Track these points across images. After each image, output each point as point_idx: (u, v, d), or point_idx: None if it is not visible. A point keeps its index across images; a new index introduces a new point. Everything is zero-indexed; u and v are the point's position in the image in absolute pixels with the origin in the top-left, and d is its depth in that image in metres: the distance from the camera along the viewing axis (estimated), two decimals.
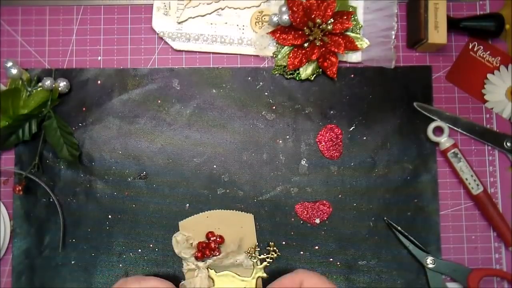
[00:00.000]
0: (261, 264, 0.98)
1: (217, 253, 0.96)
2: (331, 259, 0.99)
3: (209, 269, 0.97)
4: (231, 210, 0.99)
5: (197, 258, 0.96)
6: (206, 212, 0.99)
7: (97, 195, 0.98)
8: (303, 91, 1.01)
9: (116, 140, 1.00)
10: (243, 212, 0.99)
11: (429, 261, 0.97)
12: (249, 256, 0.97)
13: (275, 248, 0.98)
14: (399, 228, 0.98)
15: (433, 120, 1.00)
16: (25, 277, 0.97)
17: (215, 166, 0.99)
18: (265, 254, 0.98)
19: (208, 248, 0.96)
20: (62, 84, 0.98)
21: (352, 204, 0.99)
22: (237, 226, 0.98)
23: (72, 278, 0.98)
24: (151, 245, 0.98)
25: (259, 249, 0.98)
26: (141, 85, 1.01)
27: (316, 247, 0.99)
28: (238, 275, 0.98)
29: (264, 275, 0.98)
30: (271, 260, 0.98)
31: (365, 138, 1.00)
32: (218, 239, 0.97)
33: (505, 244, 1.00)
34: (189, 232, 0.98)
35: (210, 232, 0.97)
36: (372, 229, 0.99)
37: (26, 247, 0.98)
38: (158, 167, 0.99)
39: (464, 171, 0.98)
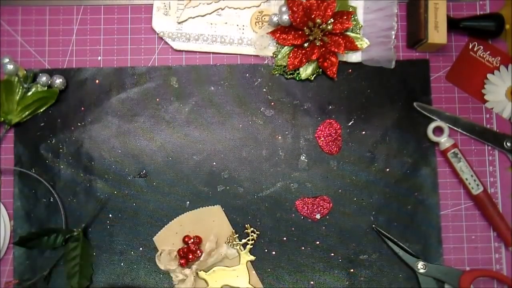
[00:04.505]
0: (244, 249, 1.00)
1: (200, 253, 0.97)
2: (332, 254, 1.01)
3: (198, 272, 0.99)
4: (198, 209, 1.01)
5: (182, 265, 0.98)
6: (175, 219, 1.01)
7: (97, 194, 1.01)
8: (301, 87, 1.03)
9: (115, 139, 1.02)
10: (210, 206, 1.01)
11: (420, 266, 0.99)
12: (230, 245, 0.99)
13: (253, 229, 1.00)
14: (388, 235, 1.00)
15: (433, 120, 1.02)
16: (27, 278, 0.99)
17: (214, 163, 1.02)
18: (245, 238, 1.00)
19: (190, 251, 0.97)
20: (58, 81, 1.00)
21: (353, 199, 1.02)
22: (209, 221, 1.01)
23: None
24: (152, 244, 1.00)
25: (237, 235, 1.00)
26: (139, 83, 1.03)
27: (317, 242, 1.01)
28: (227, 266, 1.00)
29: (252, 257, 1.00)
30: (253, 241, 1.00)
31: (364, 132, 1.02)
32: (196, 240, 0.99)
33: (505, 244, 1.02)
34: (167, 245, 1.00)
35: (186, 236, 0.99)
36: (373, 223, 1.01)
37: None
38: (158, 165, 1.01)
39: (464, 171, 1.01)
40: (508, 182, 1.04)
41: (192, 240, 0.99)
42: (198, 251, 0.98)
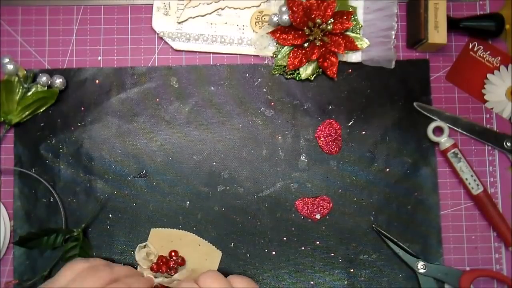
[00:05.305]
0: None
1: (173, 273, 0.97)
2: (332, 254, 1.01)
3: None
4: (205, 241, 1.00)
5: (151, 269, 0.98)
6: (182, 231, 1.01)
7: (97, 195, 1.01)
8: (301, 87, 1.03)
9: (115, 139, 1.02)
10: (214, 247, 1.00)
11: (420, 266, 0.99)
12: None
13: None
14: (388, 235, 1.00)
15: (433, 120, 1.02)
16: (27, 278, 0.99)
17: (214, 163, 1.02)
18: None
19: (166, 265, 0.97)
20: (58, 81, 1.00)
21: (353, 199, 1.01)
22: (202, 258, 1.00)
23: None
24: None
25: None
26: (139, 83, 1.03)
27: (317, 242, 1.01)
28: None
29: None
30: None
31: (364, 132, 1.02)
32: (179, 260, 0.98)
33: (505, 244, 1.02)
34: (156, 243, 1.00)
35: (173, 250, 0.99)
36: (373, 223, 1.01)
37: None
38: (158, 165, 1.01)
39: (464, 171, 1.01)
40: (508, 182, 1.04)
41: (176, 258, 0.99)
42: (172, 272, 0.98)
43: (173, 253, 0.99)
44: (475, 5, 1.07)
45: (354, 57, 1.04)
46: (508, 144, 1.02)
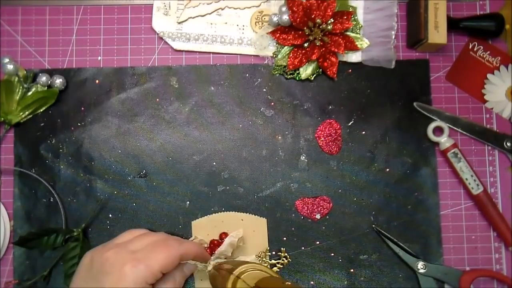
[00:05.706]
0: (271, 268, 0.98)
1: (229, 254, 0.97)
2: (332, 254, 1.01)
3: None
4: (246, 213, 1.01)
5: None
6: (221, 213, 1.01)
7: (97, 194, 1.01)
8: (301, 87, 1.03)
9: (115, 139, 1.02)
10: (257, 216, 1.01)
11: (420, 266, 0.99)
12: (259, 259, 0.99)
13: (286, 254, 1.00)
14: (388, 235, 1.00)
15: (433, 120, 1.02)
16: (27, 278, 0.99)
17: (214, 163, 1.02)
18: (275, 259, 1.00)
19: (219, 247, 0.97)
20: (58, 81, 1.00)
21: (353, 199, 1.01)
22: (249, 230, 1.00)
23: None
24: None
25: (269, 253, 1.00)
26: (139, 83, 1.03)
27: (317, 242, 1.01)
28: None
29: None
30: (281, 266, 1.00)
31: (364, 132, 1.02)
32: None
33: (505, 244, 1.02)
34: (201, 233, 1.00)
35: (223, 233, 0.99)
36: (373, 223, 1.01)
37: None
38: (158, 165, 1.01)
39: (464, 171, 1.01)
40: (508, 182, 1.04)
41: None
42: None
43: (223, 235, 0.99)
44: (475, 5, 1.07)
45: (354, 57, 1.04)
46: (508, 144, 1.02)
